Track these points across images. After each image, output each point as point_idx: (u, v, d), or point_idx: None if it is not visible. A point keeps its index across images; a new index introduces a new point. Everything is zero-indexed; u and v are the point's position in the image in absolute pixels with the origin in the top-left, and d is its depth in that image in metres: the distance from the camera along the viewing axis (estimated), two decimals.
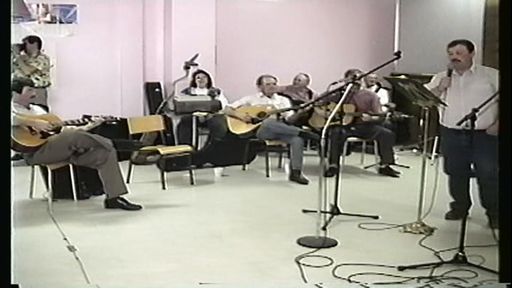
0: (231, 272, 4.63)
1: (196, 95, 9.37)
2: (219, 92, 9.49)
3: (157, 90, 10.27)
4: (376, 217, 6.08)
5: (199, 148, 8.92)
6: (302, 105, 8.85)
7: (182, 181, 7.84)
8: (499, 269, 3.82)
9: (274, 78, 8.75)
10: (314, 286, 4.34)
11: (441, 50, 6.05)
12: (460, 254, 4.70)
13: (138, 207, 6.38)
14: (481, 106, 4.70)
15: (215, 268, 4.68)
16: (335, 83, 7.18)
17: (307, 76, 10.40)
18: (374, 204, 6.73)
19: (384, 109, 9.16)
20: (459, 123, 4.81)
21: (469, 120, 4.66)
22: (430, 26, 10.55)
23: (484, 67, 5.99)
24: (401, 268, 4.60)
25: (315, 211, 5.36)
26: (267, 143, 8.25)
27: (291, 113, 8.56)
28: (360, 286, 4.34)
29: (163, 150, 7.59)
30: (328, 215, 5.86)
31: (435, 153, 8.56)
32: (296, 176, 7.85)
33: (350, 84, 5.91)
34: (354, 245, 5.30)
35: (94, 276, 4.47)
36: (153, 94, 10.24)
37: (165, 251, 5.08)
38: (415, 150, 9.95)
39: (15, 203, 6.45)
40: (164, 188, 7.38)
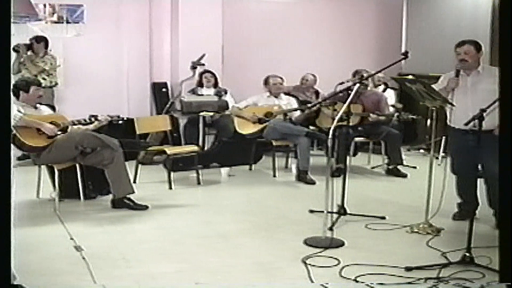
0: (238, 272, 4.62)
1: (203, 95, 9.36)
2: (226, 92, 9.48)
3: (164, 90, 10.28)
4: (383, 217, 6.07)
5: (205, 148, 8.91)
6: (309, 105, 8.83)
7: (188, 181, 7.84)
8: (499, 269, 3.82)
9: (281, 78, 8.74)
10: (321, 286, 4.34)
11: (448, 50, 6.04)
12: (467, 255, 4.68)
13: (145, 207, 6.38)
14: (488, 107, 4.68)
15: (222, 268, 4.68)
16: (342, 83, 7.17)
17: (314, 76, 10.38)
18: (381, 204, 6.72)
19: (391, 109, 9.13)
20: (466, 124, 4.80)
21: (476, 121, 4.65)
22: (438, 26, 10.53)
23: (492, 67, 5.95)
24: (408, 269, 4.59)
25: (322, 211, 5.35)
26: (274, 143, 8.24)
27: (298, 113, 8.55)
28: (367, 287, 4.33)
29: (170, 150, 7.59)
30: (335, 216, 5.84)
31: (442, 153, 8.54)
32: (303, 176, 7.84)
33: (357, 84, 5.90)
34: (361, 245, 5.29)
35: (101, 276, 4.47)
36: (160, 94, 10.24)
37: (171, 251, 5.09)
38: (422, 151, 9.94)
39: (22, 203, 6.52)
40: (170, 188, 7.38)
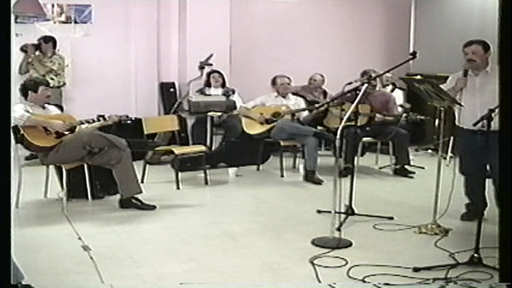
0: (245, 272, 4.62)
1: (210, 95, 9.37)
2: (234, 92, 9.48)
3: (171, 90, 10.28)
4: (391, 217, 6.06)
5: (213, 148, 8.91)
6: (317, 105, 8.83)
7: (196, 181, 7.84)
8: (499, 269, 3.81)
9: (289, 78, 8.74)
10: (329, 286, 4.33)
11: (457, 50, 6.01)
12: (475, 255, 4.66)
13: (153, 207, 6.39)
14: (497, 107, 4.67)
15: (229, 268, 4.68)
16: (351, 83, 7.16)
17: (322, 76, 10.37)
18: (389, 204, 6.70)
19: (400, 109, 9.11)
20: (475, 124, 4.78)
21: (485, 121, 4.63)
22: (446, 26, 10.50)
23: None
24: (416, 269, 4.57)
25: (330, 212, 5.35)
26: (282, 143, 8.24)
27: (306, 113, 8.55)
28: (374, 287, 4.32)
29: (178, 150, 7.59)
30: (342, 216, 5.84)
31: (450, 153, 8.52)
32: (310, 177, 7.84)
33: (366, 85, 5.88)
34: (368, 245, 5.28)
35: (109, 276, 4.47)
36: (167, 94, 10.25)
37: (179, 251, 5.08)
38: (430, 151, 9.92)
39: (30, 203, 6.55)
40: (178, 188, 7.39)
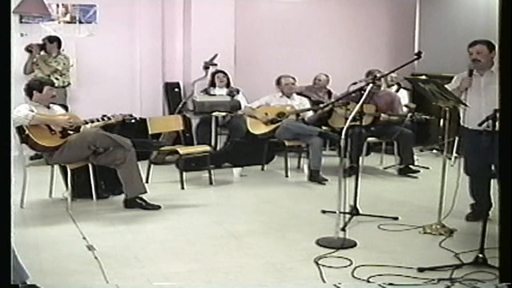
0: (249, 272, 4.62)
1: (215, 95, 9.37)
2: (238, 91, 9.48)
3: (176, 90, 10.29)
4: (396, 218, 6.05)
5: (218, 148, 8.92)
6: (322, 105, 8.83)
7: (201, 181, 7.85)
8: (499, 269, 3.81)
9: (293, 78, 8.74)
10: (333, 286, 4.33)
11: (462, 50, 6.01)
12: (480, 256, 4.66)
13: (157, 207, 6.39)
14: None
15: (234, 268, 4.67)
16: (356, 83, 7.16)
17: (327, 76, 10.36)
18: (393, 205, 6.70)
19: (405, 109, 9.10)
20: (480, 124, 4.78)
21: (490, 121, 4.62)
22: (451, 26, 10.49)
23: None
24: (420, 270, 4.57)
25: (334, 212, 5.34)
26: (286, 143, 8.23)
27: (310, 113, 8.55)
28: (379, 287, 4.32)
29: (182, 150, 7.59)
30: (347, 216, 5.83)
31: (455, 154, 8.50)
32: (315, 177, 7.83)
33: (371, 85, 5.88)
34: (373, 246, 5.28)
35: (113, 276, 4.48)
36: (172, 94, 10.25)
37: (184, 251, 5.09)
38: (435, 151, 9.91)
39: (35, 202, 6.56)
40: (183, 188, 7.39)
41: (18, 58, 8.74)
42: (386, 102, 8.39)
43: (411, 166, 8.31)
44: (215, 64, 9.40)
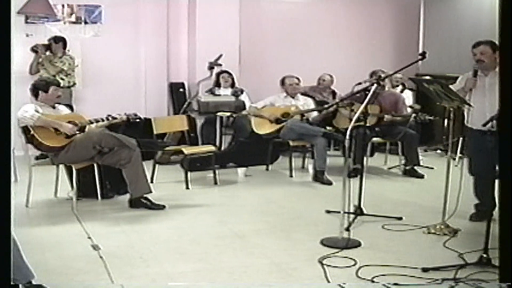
0: (254, 272, 4.62)
1: (220, 95, 9.39)
2: (243, 92, 9.50)
3: (181, 90, 10.30)
4: (400, 218, 6.05)
5: (222, 148, 8.94)
6: (326, 105, 8.83)
7: (205, 181, 7.86)
8: (499, 269, 3.81)
9: (297, 79, 8.74)
10: (338, 286, 4.33)
11: (466, 51, 6.01)
12: (484, 256, 4.65)
13: (162, 207, 6.41)
14: None
15: (238, 268, 4.68)
16: (360, 83, 7.16)
17: (331, 76, 10.38)
18: (398, 205, 6.70)
19: (409, 110, 9.10)
20: (484, 124, 4.78)
21: (494, 121, 4.63)
22: (455, 26, 10.49)
23: None
24: (425, 270, 4.57)
25: (339, 212, 5.34)
26: (291, 143, 8.24)
27: (315, 113, 8.55)
28: (383, 287, 4.32)
29: (187, 150, 7.60)
30: (351, 216, 5.84)
31: (459, 154, 8.50)
32: (319, 177, 7.84)
33: (375, 85, 5.88)
34: (377, 246, 5.28)
35: (118, 275, 4.49)
36: (177, 94, 10.27)
37: (188, 251, 5.10)
38: (439, 151, 9.91)
39: (40, 202, 6.58)
40: (187, 188, 7.41)
41: (24, 58, 8.77)
42: (390, 102, 8.39)
43: (416, 169, 8.30)
44: (220, 65, 9.42)
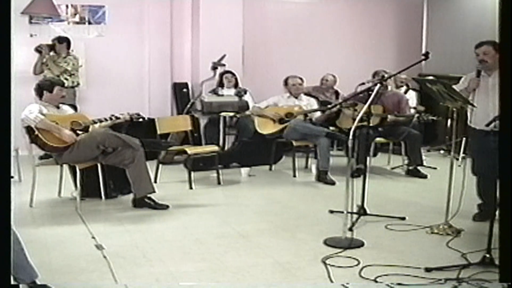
0: (258, 272, 4.63)
1: (223, 95, 9.40)
2: (246, 92, 9.51)
3: (184, 90, 10.32)
4: (403, 218, 6.06)
5: (226, 148, 8.95)
6: (330, 106, 8.83)
7: (209, 181, 7.87)
8: (499, 269, 3.81)
9: (301, 79, 8.75)
10: (341, 286, 4.34)
11: (469, 51, 6.01)
12: (487, 256, 4.65)
13: (166, 207, 6.42)
14: None
15: (242, 268, 4.69)
16: (363, 83, 7.17)
17: (334, 76, 10.38)
18: (401, 205, 6.70)
19: (412, 111, 9.09)
20: (487, 124, 4.78)
21: (497, 121, 4.63)
22: (458, 26, 10.48)
23: None
24: (428, 270, 4.58)
25: (342, 212, 5.35)
26: (294, 143, 8.25)
27: (318, 113, 8.56)
28: (386, 287, 4.33)
29: (191, 150, 7.61)
30: (355, 216, 5.84)
31: (462, 154, 8.50)
32: (323, 177, 7.84)
33: (378, 85, 5.89)
34: (381, 246, 5.28)
35: (122, 275, 4.50)
36: (180, 94, 10.29)
37: (192, 251, 5.10)
38: (442, 151, 9.91)
39: (44, 202, 6.59)
40: (191, 187, 7.42)
41: (28, 58, 8.79)
42: (393, 102, 8.39)
43: (419, 169, 8.30)
44: (223, 65, 9.43)
